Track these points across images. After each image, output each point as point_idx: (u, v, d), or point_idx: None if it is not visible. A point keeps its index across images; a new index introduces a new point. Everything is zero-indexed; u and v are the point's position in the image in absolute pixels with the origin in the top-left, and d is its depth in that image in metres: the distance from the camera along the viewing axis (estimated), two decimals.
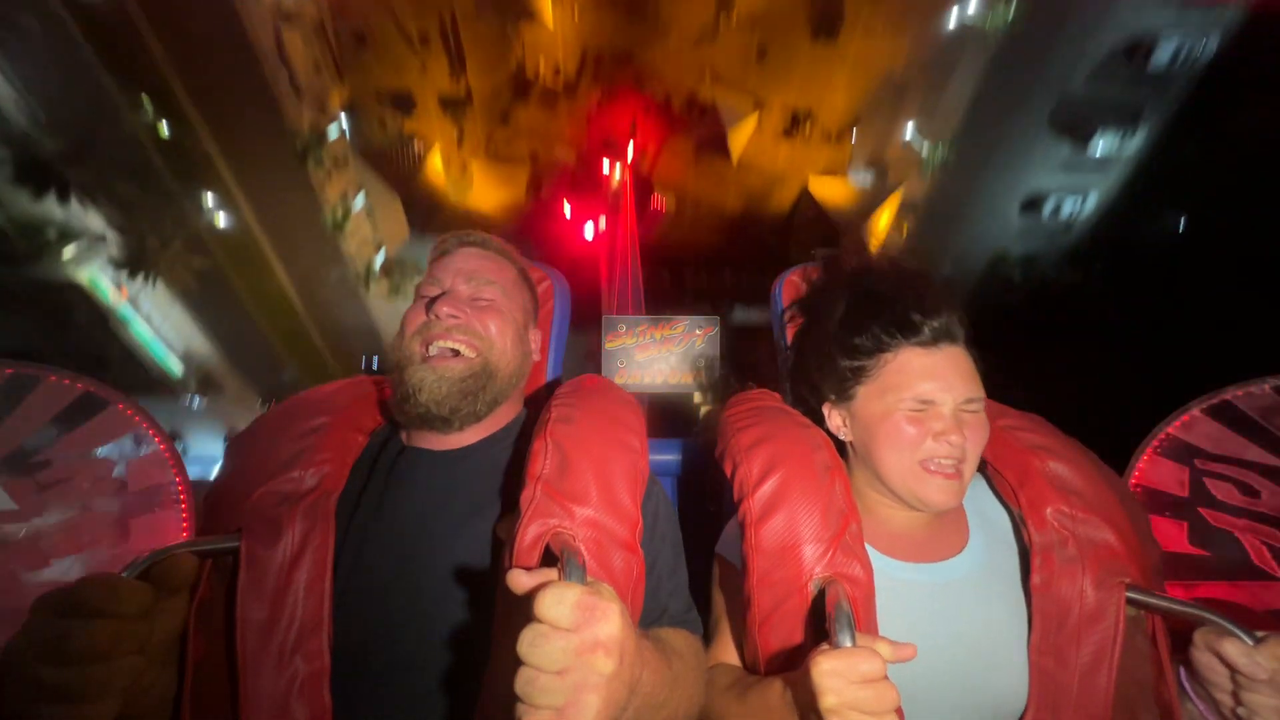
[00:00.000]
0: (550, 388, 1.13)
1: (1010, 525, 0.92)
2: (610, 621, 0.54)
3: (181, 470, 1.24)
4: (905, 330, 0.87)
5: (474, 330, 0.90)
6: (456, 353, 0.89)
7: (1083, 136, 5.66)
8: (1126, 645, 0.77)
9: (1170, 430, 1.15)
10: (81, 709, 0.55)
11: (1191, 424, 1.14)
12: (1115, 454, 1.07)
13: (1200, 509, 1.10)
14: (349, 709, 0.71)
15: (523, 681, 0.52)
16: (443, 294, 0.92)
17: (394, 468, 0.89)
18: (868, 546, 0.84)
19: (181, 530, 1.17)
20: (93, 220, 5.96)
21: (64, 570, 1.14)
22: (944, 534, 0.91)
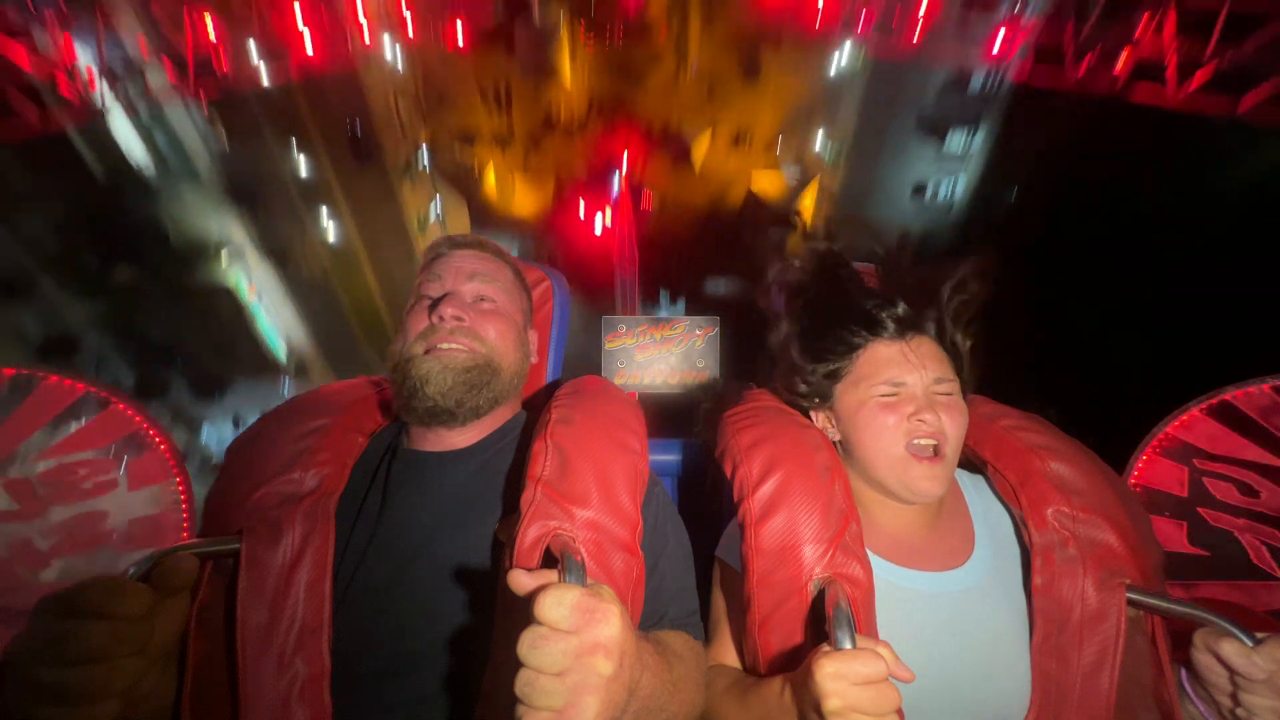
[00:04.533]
0: (550, 389, 1.13)
1: (1012, 526, 0.92)
2: (610, 624, 0.54)
3: (182, 471, 1.25)
4: (871, 327, 0.92)
5: (476, 334, 0.90)
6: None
7: (940, 136, 8.26)
8: (1127, 645, 0.77)
9: (1169, 430, 1.15)
10: (81, 711, 0.55)
11: (1191, 424, 1.15)
12: (1114, 454, 1.07)
13: (1199, 509, 1.10)
14: (350, 711, 0.71)
15: (522, 683, 0.52)
16: (445, 295, 0.92)
17: (394, 470, 0.89)
18: (872, 553, 0.84)
19: (182, 531, 1.18)
20: (237, 234, 8.31)
21: (65, 570, 1.15)
22: (949, 539, 0.91)
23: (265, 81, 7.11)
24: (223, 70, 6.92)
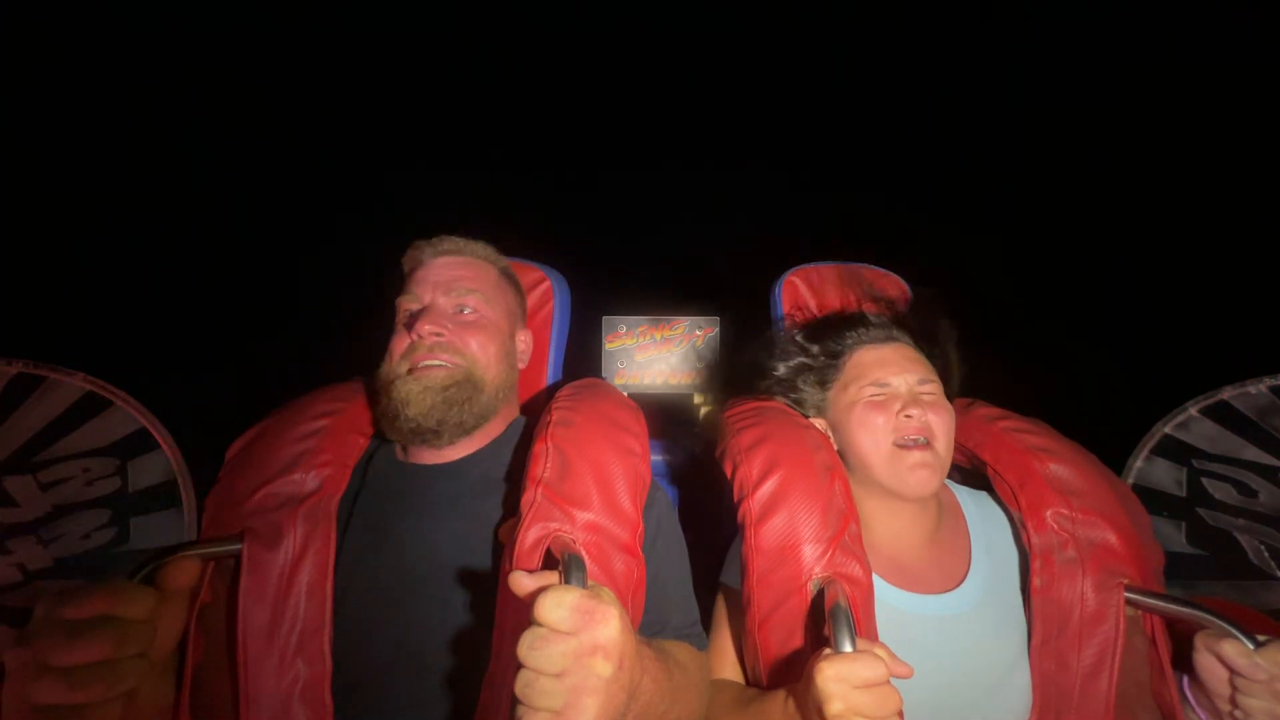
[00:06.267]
0: (550, 391, 1.13)
1: (1011, 529, 0.92)
2: (610, 625, 0.55)
3: (184, 471, 1.25)
4: (855, 331, 1.00)
5: (456, 348, 0.90)
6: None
7: None
8: (1126, 646, 0.77)
9: (1167, 430, 1.15)
10: (84, 713, 0.55)
11: (1188, 424, 1.15)
12: (1113, 454, 1.07)
13: (1198, 509, 1.10)
14: (351, 712, 0.71)
15: (522, 684, 0.52)
16: (423, 310, 0.92)
17: (392, 477, 0.89)
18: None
19: (184, 532, 1.18)
20: None
21: (66, 570, 1.15)
22: (945, 559, 0.91)
23: None
24: None
